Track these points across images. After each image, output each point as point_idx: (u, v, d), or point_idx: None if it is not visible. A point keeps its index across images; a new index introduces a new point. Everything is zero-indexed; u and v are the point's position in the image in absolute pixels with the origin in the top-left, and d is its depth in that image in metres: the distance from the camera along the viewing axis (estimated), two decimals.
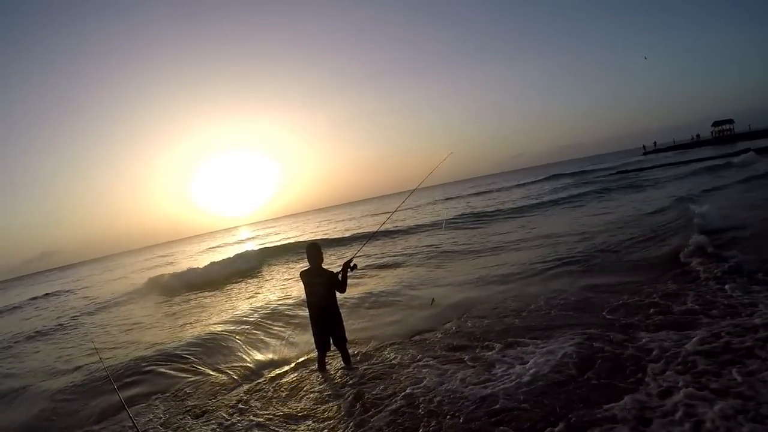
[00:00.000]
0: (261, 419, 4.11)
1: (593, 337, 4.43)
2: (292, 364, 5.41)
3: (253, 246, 23.90)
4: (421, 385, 4.10)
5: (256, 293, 11.30)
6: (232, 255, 17.71)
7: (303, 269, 4.82)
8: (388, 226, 23.23)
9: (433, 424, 3.45)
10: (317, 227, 38.21)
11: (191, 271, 15.30)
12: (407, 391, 4.04)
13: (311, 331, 4.88)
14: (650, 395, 3.30)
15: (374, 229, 23.74)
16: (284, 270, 14.63)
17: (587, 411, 3.24)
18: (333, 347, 4.84)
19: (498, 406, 3.52)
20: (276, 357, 5.92)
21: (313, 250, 4.68)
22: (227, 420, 4.23)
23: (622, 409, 3.18)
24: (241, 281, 13.75)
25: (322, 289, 4.58)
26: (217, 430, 4.09)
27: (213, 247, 40.19)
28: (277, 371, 5.28)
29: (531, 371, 3.99)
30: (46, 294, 24.21)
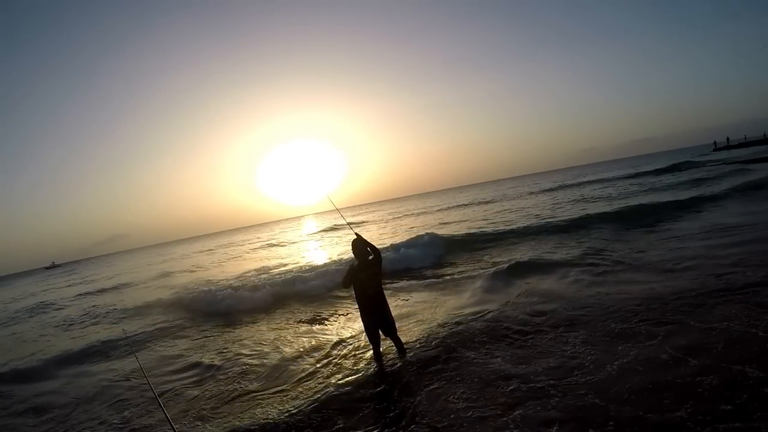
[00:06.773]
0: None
1: None
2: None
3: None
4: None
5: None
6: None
7: (353, 266, 4.82)
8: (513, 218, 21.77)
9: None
10: (401, 218, 37.18)
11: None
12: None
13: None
14: None
15: (486, 224, 22.25)
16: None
17: None
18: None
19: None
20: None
21: (360, 244, 4.77)
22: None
23: None
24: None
25: (371, 281, 4.73)
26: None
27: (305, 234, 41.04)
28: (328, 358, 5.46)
29: None
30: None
